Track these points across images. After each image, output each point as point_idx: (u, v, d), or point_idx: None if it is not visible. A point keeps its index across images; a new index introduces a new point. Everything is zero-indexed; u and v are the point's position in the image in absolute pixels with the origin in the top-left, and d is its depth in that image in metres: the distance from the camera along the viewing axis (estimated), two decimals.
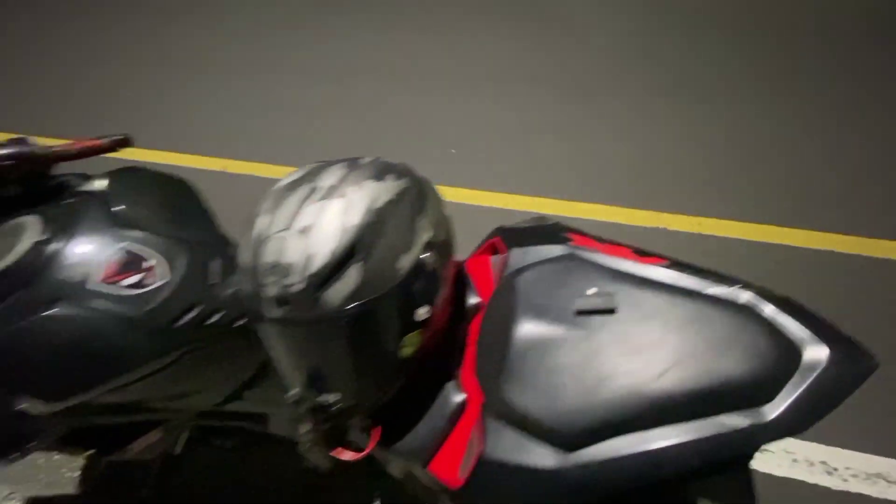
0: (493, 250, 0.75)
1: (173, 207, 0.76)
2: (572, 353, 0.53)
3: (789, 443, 1.23)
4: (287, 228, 0.54)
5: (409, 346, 0.60)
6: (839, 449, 1.23)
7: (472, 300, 0.69)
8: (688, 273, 0.57)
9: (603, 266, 0.59)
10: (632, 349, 0.51)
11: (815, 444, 1.24)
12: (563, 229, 0.69)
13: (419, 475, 0.63)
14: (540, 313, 0.56)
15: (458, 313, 0.68)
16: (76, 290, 0.62)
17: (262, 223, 0.56)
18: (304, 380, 0.59)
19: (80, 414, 0.71)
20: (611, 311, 0.54)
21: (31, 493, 1.24)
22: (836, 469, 1.21)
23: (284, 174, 0.61)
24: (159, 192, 0.78)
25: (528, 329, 0.55)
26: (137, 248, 0.66)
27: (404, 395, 0.63)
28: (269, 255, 0.54)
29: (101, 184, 0.75)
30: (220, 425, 0.94)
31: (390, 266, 0.56)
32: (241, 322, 0.71)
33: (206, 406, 0.82)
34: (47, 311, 0.61)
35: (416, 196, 0.62)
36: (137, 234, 0.67)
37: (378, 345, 0.59)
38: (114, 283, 0.63)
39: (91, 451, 0.91)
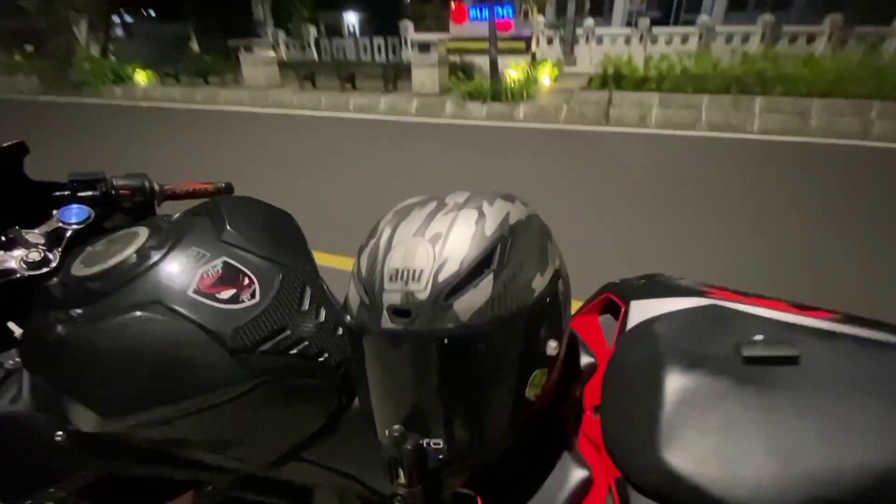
0: (601, 309, 0.67)
1: (275, 234, 0.74)
2: (750, 410, 0.42)
3: None
4: (416, 235, 0.50)
5: (535, 386, 0.52)
6: None
7: (585, 360, 0.60)
8: (868, 326, 0.48)
9: (761, 316, 0.50)
10: (828, 409, 0.41)
11: None
12: (694, 283, 0.60)
13: None
14: (695, 362, 0.46)
15: (570, 373, 0.59)
16: (170, 295, 0.59)
17: (385, 233, 0.53)
18: (407, 415, 0.50)
19: (116, 454, 0.67)
20: (792, 361, 0.44)
21: None
22: None
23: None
24: (263, 219, 0.77)
25: (684, 380, 0.45)
26: (236, 264, 0.65)
27: (511, 465, 0.55)
28: (393, 262, 0.49)
29: (208, 205, 0.76)
30: (257, 501, 0.85)
31: (525, 285, 0.50)
32: (323, 358, 0.65)
33: (257, 463, 0.74)
34: (134, 312, 0.58)
35: (542, 224, 0.58)
36: (237, 251, 0.67)
37: (504, 375, 0.50)
38: (209, 293, 0.61)
39: None
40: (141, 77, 10.83)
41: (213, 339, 0.58)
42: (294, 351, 0.63)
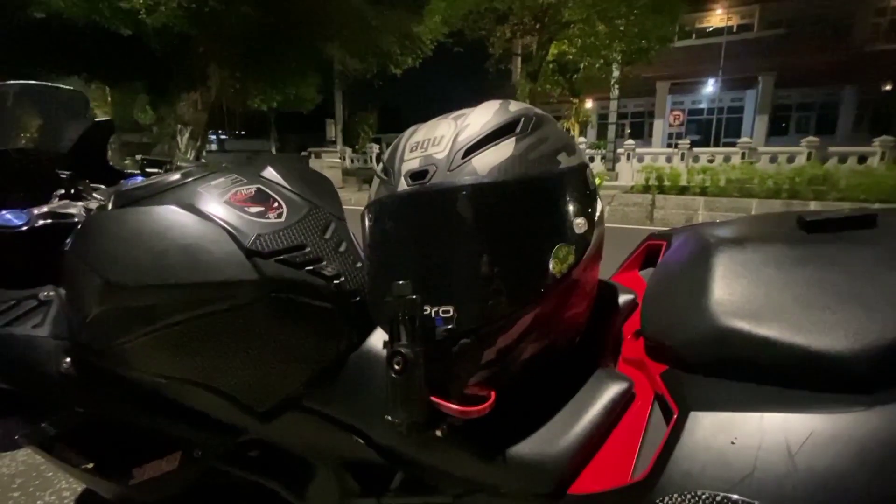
0: (641, 264, 0.66)
1: (310, 183, 0.79)
2: (816, 266, 0.39)
3: None
4: (440, 118, 0.52)
5: (560, 261, 0.47)
6: None
7: (624, 297, 0.59)
8: None
9: (827, 211, 0.47)
10: None
11: None
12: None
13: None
14: (749, 236, 0.44)
15: (608, 308, 0.58)
16: (202, 200, 0.63)
17: (411, 130, 0.55)
18: (417, 278, 0.46)
19: (113, 392, 0.67)
20: (869, 222, 0.41)
21: None
22: None
23: None
24: (302, 171, 0.82)
25: (736, 251, 0.43)
26: (268, 191, 0.69)
27: (538, 380, 0.50)
28: (415, 137, 0.51)
29: (255, 156, 0.83)
30: (246, 479, 0.77)
31: (550, 155, 0.50)
32: (339, 281, 0.63)
33: (256, 401, 0.66)
34: (165, 205, 0.62)
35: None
36: (273, 184, 0.72)
37: (523, 238, 0.47)
38: (239, 206, 0.64)
39: (89, 465, 0.75)
40: None
41: (233, 239, 0.59)
42: (311, 268, 0.62)
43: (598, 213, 0.52)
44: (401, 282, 0.44)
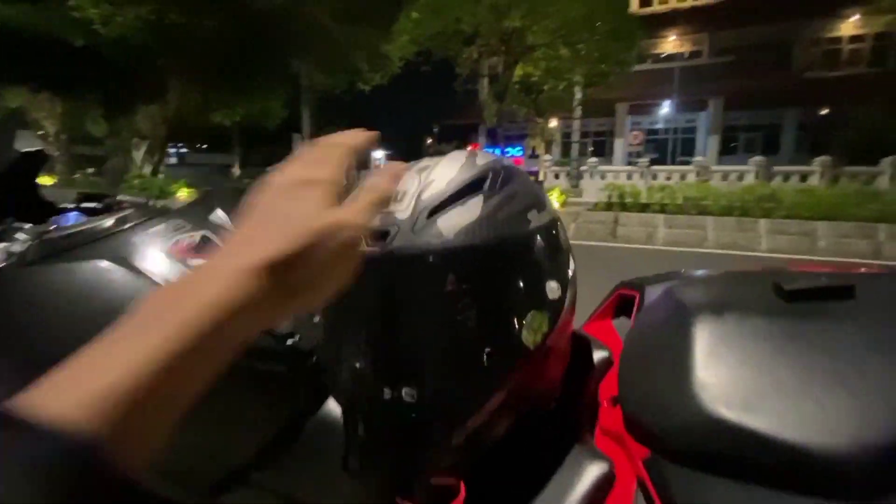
0: (613, 313, 0.63)
1: None
2: (798, 345, 0.36)
3: None
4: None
5: (534, 331, 0.44)
6: None
7: (599, 354, 0.55)
8: None
9: (801, 272, 0.46)
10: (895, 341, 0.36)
11: None
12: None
13: None
14: (727, 305, 0.41)
15: (583, 368, 0.55)
16: (135, 253, 0.57)
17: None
18: (375, 356, 0.41)
19: None
20: (847, 293, 0.39)
21: None
22: None
23: None
24: None
25: (716, 324, 0.40)
26: (216, 239, 0.63)
27: (509, 459, 0.46)
28: None
29: (204, 193, 0.76)
30: None
31: (520, 214, 0.46)
32: (293, 340, 0.58)
33: (197, 485, 0.61)
34: (90, 261, 0.54)
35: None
36: (221, 229, 0.65)
37: (494, 307, 0.43)
38: (180, 258, 0.58)
39: None
40: (183, 193, 11.92)
41: None
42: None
43: (571, 272, 0.49)
44: (357, 364, 0.39)
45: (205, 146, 20.56)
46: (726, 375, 0.37)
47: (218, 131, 17.50)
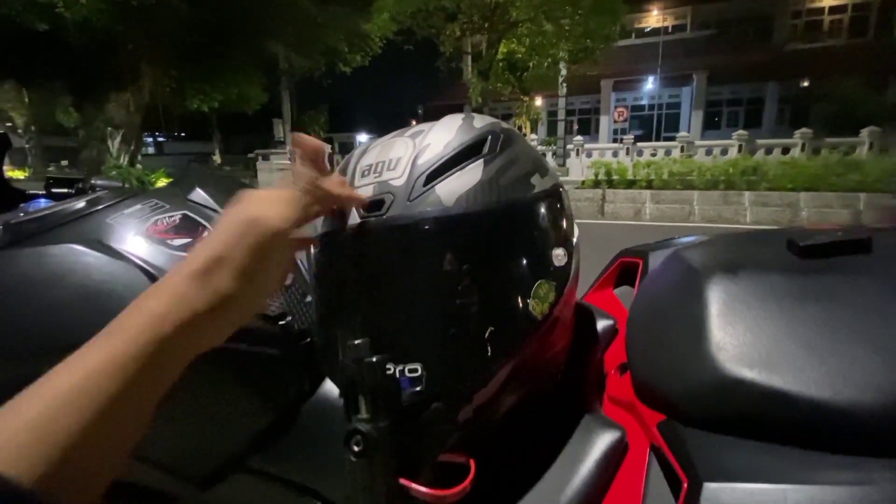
0: (615, 282, 0.62)
1: None
2: (815, 301, 0.35)
3: None
4: (395, 136, 0.46)
5: (542, 300, 0.41)
6: None
7: (603, 323, 0.54)
8: None
9: (815, 229, 0.44)
10: None
11: None
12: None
13: None
14: (739, 264, 0.40)
15: (588, 338, 0.53)
16: (111, 234, 0.53)
17: (360, 148, 0.48)
18: (376, 332, 0.39)
19: None
20: (864, 246, 0.38)
21: None
22: None
23: None
24: (239, 190, 0.74)
25: (727, 283, 0.38)
26: (197, 218, 0.59)
27: (519, 433, 0.44)
28: (367, 159, 0.44)
29: (182, 173, 0.70)
30: None
31: (522, 178, 0.43)
32: (285, 321, 0.55)
33: (190, 474, 0.58)
34: (63, 244, 0.50)
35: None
36: (202, 208, 0.62)
37: (499, 277, 0.41)
38: (160, 238, 0.54)
39: None
40: (162, 182, 11.64)
41: (152, 280, 0.50)
42: None
43: (575, 239, 0.47)
44: (357, 341, 0.36)
45: (183, 134, 20.02)
46: (744, 335, 0.35)
47: (196, 118, 17.02)
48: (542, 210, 0.43)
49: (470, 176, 0.41)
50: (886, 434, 0.29)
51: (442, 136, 0.43)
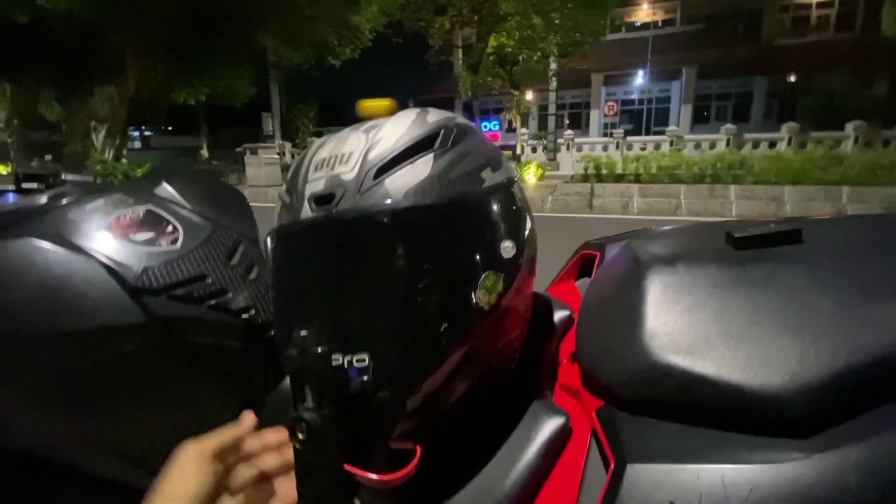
0: (576, 274, 0.64)
1: (217, 199, 0.69)
2: (748, 289, 0.37)
3: None
4: (350, 130, 0.47)
5: (488, 291, 0.43)
6: None
7: (560, 314, 0.55)
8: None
9: (752, 221, 0.47)
10: (842, 281, 0.36)
11: None
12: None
13: None
14: (679, 256, 0.42)
15: (544, 329, 0.54)
16: (72, 229, 0.53)
17: (318, 143, 0.49)
18: (323, 323, 0.40)
19: None
20: (795, 237, 0.40)
21: None
22: None
23: None
24: (208, 184, 0.71)
25: (666, 273, 0.40)
26: (162, 213, 0.59)
27: (468, 421, 0.46)
28: (321, 154, 0.45)
29: (151, 168, 0.71)
30: None
31: (472, 172, 0.44)
32: (249, 315, 0.56)
33: (149, 469, 0.59)
34: (21, 238, 0.50)
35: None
36: (168, 203, 0.61)
37: (446, 268, 0.42)
38: (122, 233, 0.54)
39: None
40: None
41: (112, 274, 0.50)
42: (213, 302, 0.54)
43: (527, 232, 0.48)
44: (303, 332, 0.37)
45: (171, 128, 19.71)
46: (675, 323, 0.37)
47: (184, 112, 16.76)
48: (491, 204, 0.45)
49: (419, 170, 0.42)
50: (796, 415, 0.31)
51: (394, 130, 0.44)
